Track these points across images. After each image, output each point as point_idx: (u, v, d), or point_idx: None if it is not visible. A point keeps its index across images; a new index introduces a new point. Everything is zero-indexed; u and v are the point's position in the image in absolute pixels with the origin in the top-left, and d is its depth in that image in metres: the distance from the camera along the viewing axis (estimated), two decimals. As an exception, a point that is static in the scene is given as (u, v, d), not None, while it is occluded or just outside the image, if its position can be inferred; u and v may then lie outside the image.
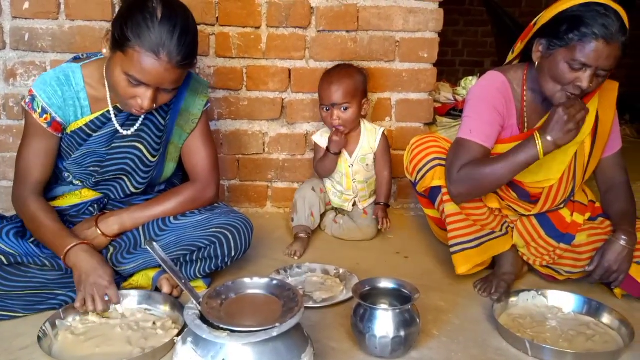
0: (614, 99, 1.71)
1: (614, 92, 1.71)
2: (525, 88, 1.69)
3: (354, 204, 2.18)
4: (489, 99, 1.66)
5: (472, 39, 5.51)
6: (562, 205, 1.78)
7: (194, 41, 1.47)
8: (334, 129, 2.07)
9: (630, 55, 5.51)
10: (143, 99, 1.44)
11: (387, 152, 2.17)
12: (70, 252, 1.49)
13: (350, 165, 2.13)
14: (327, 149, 2.08)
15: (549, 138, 1.49)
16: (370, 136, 2.14)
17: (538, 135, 1.50)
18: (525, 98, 1.69)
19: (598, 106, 1.69)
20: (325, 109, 2.07)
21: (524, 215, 1.78)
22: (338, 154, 2.09)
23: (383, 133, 2.15)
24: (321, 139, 2.15)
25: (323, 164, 2.12)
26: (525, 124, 1.70)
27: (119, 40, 1.40)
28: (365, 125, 2.16)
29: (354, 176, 2.14)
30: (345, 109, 2.04)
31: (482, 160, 1.61)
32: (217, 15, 2.16)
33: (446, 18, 2.36)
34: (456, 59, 5.58)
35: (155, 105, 1.49)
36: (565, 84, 1.53)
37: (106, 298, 1.47)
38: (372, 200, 2.20)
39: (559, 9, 1.53)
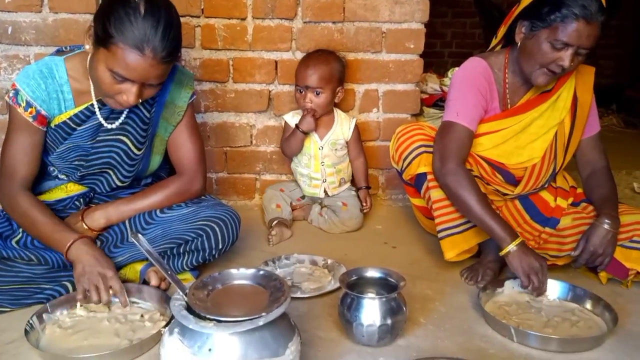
0: (591, 83, 1.78)
1: (590, 76, 1.78)
2: (507, 71, 1.74)
3: (325, 193, 2.20)
4: (472, 83, 1.71)
5: (461, 30, 5.52)
6: (545, 185, 1.81)
7: (178, 35, 1.45)
8: (306, 110, 2.11)
9: (617, 46, 5.59)
10: (128, 94, 1.43)
11: (359, 141, 2.26)
12: (72, 246, 1.49)
13: (320, 148, 2.17)
14: (297, 126, 2.12)
15: (513, 249, 1.54)
16: (344, 124, 2.21)
17: (516, 244, 1.54)
18: (507, 80, 1.74)
19: (576, 87, 1.75)
20: (299, 90, 2.11)
21: (507, 195, 1.80)
22: (306, 134, 2.13)
23: (355, 124, 2.22)
24: (292, 119, 2.19)
25: (289, 142, 2.16)
26: (508, 105, 1.75)
27: (102, 37, 1.38)
28: (339, 114, 2.22)
29: (322, 159, 2.18)
30: (318, 94, 2.09)
31: (472, 181, 1.64)
32: (202, 7, 2.15)
33: (434, 10, 2.36)
34: (445, 50, 5.60)
35: (140, 100, 1.48)
36: (547, 63, 1.58)
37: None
38: (342, 188, 2.23)
39: None
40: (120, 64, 1.38)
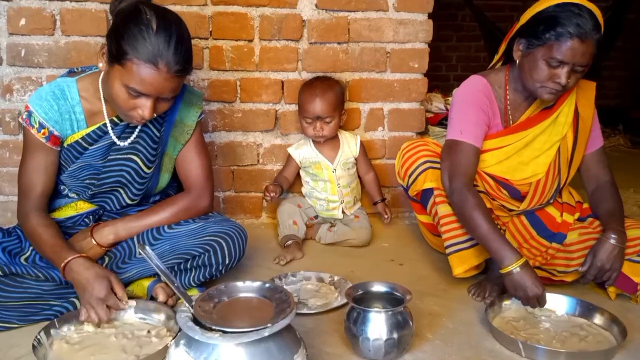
0: (592, 98, 1.79)
1: (592, 91, 1.79)
2: (507, 88, 1.76)
3: (343, 212, 2.23)
4: (474, 101, 1.73)
5: (465, 53, 5.58)
6: (551, 201, 1.81)
7: (189, 49, 1.49)
8: (265, 191, 2.17)
9: (622, 68, 5.63)
10: (144, 109, 1.46)
11: (366, 156, 2.32)
12: (67, 267, 1.49)
13: (334, 171, 2.20)
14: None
15: (515, 271, 1.52)
16: (350, 142, 2.25)
17: (519, 263, 1.52)
18: (508, 97, 1.76)
19: (578, 102, 1.76)
20: (307, 120, 2.15)
21: (513, 211, 1.80)
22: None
23: (360, 140, 2.27)
24: (295, 151, 2.25)
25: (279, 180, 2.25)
26: (510, 121, 1.76)
27: (116, 54, 1.42)
28: (343, 134, 2.26)
29: (338, 180, 2.20)
30: (329, 122, 2.13)
31: (478, 200, 1.64)
32: (210, 29, 2.20)
33: (439, 34, 2.41)
34: (450, 73, 5.65)
35: (155, 114, 1.51)
36: (545, 80, 1.60)
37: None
38: (357, 207, 2.27)
39: (536, 10, 1.62)
40: (136, 79, 1.41)
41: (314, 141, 2.22)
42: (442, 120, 2.60)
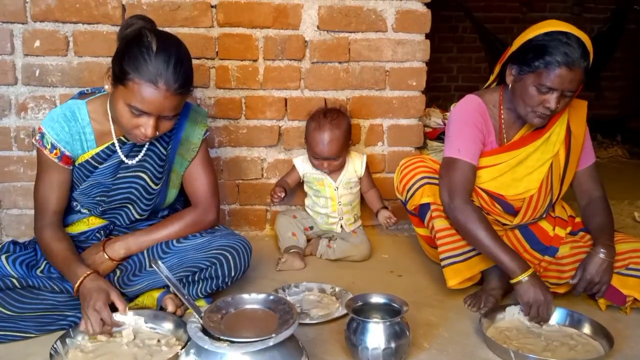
0: (584, 116, 1.84)
1: (583, 109, 1.85)
2: (502, 108, 1.82)
3: (342, 227, 2.26)
4: (469, 119, 1.79)
5: (466, 65, 5.64)
6: (544, 215, 1.87)
7: (188, 69, 1.56)
8: (272, 194, 2.24)
9: (622, 78, 5.69)
10: (146, 127, 1.53)
11: (370, 175, 2.34)
12: (80, 286, 1.54)
13: (336, 189, 2.24)
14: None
15: (525, 279, 1.60)
16: (356, 162, 2.28)
17: (528, 273, 1.60)
18: (502, 116, 1.82)
19: (570, 121, 1.82)
20: (315, 157, 2.19)
21: (507, 225, 1.87)
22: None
23: (366, 159, 2.30)
24: (301, 164, 2.29)
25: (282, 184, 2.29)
26: (504, 139, 1.83)
27: (119, 75, 1.50)
28: (349, 154, 2.28)
29: (339, 199, 2.24)
30: (337, 160, 2.18)
31: (480, 215, 1.71)
32: (216, 50, 2.29)
33: (440, 45, 2.49)
34: (451, 84, 5.71)
35: (158, 133, 1.56)
36: (535, 105, 1.66)
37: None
38: (357, 224, 2.30)
39: (526, 38, 1.67)
40: (137, 98, 1.48)
41: None
42: (440, 135, 2.67)
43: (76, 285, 1.55)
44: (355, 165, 2.27)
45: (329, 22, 2.32)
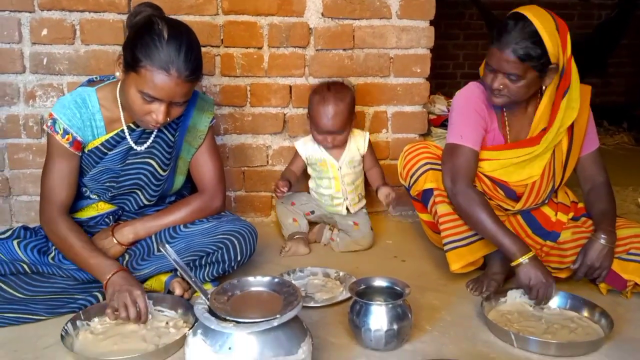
0: (587, 101, 1.84)
1: (587, 95, 1.84)
2: None
3: (347, 210, 2.24)
4: (471, 106, 1.81)
5: (472, 52, 5.62)
6: (546, 201, 1.89)
7: (199, 56, 1.59)
8: (275, 189, 2.19)
9: (629, 65, 5.64)
10: (157, 113, 1.56)
11: (373, 152, 2.30)
12: (111, 279, 1.57)
13: (339, 168, 2.21)
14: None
15: (525, 261, 1.63)
16: (358, 140, 2.24)
17: (529, 256, 1.63)
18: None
19: None
20: (317, 131, 2.15)
21: (509, 210, 1.88)
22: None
23: (368, 137, 2.27)
24: (303, 146, 2.26)
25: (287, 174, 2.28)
26: (507, 130, 1.84)
27: (131, 62, 1.53)
28: (352, 132, 2.24)
29: (342, 178, 2.22)
30: (340, 134, 2.14)
31: (482, 199, 1.74)
32: (222, 38, 2.30)
33: (446, 32, 2.49)
34: (457, 71, 5.70)
35: (169, 119, 1.60)
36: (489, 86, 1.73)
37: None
38: (361, 204, 2.28)
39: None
40: (149, 85, 1.51)
41: None
42: (444, 122, 2.67)
43: (106, 280, 1.57)
44: (358, 143, 2.24)
45: (333, 9, 2.33)
